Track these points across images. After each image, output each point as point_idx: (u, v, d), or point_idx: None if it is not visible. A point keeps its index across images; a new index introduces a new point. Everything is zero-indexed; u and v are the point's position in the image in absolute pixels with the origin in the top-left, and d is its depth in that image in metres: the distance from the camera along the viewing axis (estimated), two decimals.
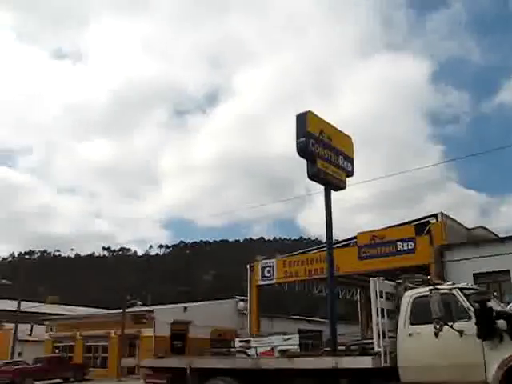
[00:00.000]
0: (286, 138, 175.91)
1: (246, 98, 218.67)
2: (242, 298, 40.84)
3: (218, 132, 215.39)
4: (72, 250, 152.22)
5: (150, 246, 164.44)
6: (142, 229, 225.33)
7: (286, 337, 30.47)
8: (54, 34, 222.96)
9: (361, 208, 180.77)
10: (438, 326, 9.20)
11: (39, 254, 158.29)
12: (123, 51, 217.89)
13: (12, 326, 42.22)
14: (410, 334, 9.80)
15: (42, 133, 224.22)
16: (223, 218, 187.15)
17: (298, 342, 29.57)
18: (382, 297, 10.16)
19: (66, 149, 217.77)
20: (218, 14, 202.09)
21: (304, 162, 17.01)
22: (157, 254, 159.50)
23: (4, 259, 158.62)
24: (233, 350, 30.13)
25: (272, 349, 29.01)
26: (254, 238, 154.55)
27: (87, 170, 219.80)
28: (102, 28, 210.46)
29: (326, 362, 9.70)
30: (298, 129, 17.10)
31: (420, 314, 9.75)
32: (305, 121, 17.20)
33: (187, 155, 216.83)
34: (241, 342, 31.90)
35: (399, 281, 10.93)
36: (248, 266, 36.07)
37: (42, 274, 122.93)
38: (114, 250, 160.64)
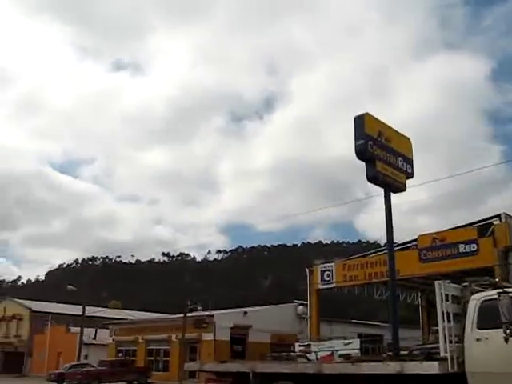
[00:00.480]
0: (343, 141, 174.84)
1: (302, 103, 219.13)
2: (302, 302, 40.61)
3: (275, 137, 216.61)
4: (133, 256, 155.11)
5: (209, 252, 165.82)
6: (201, 234, 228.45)
7: (347, 341, 30.04)
8: (113, 47, 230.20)
9: (420, 210, 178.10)
10: (508, 331, 8.89)
11: (101, 261, 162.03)
12: (180, 60, 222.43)
13: (78, 329, 43.28)
14: (477, 339, 9.51)
15: (104, 143, 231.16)
16: (281, 223, 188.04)
17: (358, 347, 29.10)
18: (447, 300, 9.91)
19: (126, 158, 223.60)
20: (273, 19, 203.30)
21: (363, 164, 16.83)
22: (215, 259, 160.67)
23: (69, 265, 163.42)
24: (293, 354, 30.00)
25: (332, 353, 28.66)
26: (312, 242, 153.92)
27: (147, 178, 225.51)
28: (159, 38, 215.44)
29: (391, 367, 9.52)
30: (357, 131, 16.91)
31: (488, 318, 9.43)
32: (363, 123, 16.99)
33: (245, 161, 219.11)
34: (301, 346, 31.69)
35: (465, 284, 10.63)
36: (307, 270, 35.82)
37: (105, 279, 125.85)
38: (174, 256, 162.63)
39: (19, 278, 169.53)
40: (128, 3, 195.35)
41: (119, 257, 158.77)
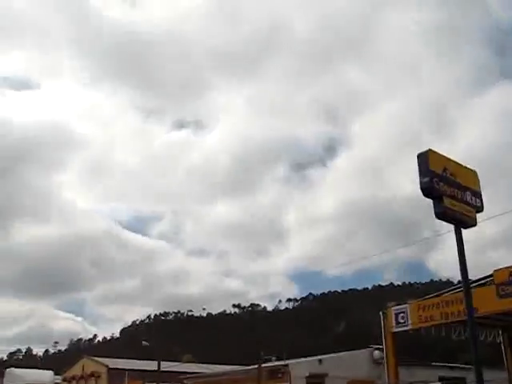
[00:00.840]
0: (408, 180, 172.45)
1: (364, 145, 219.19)
2: (377, 346, 39.57)
3: (339, 182, 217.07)
4: (204, 309, 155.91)
5: (279, 301, 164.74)
6: (270, 284, 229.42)
7: None
8: (174, 106, 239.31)
9: (493, 244, 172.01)
10: None
11: (173, 315, 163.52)
12: (241, 113, 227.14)
13: None
14: None
15: (171, 200, 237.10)
16: (350, 267, 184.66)
17: None
18: None
19: (193, 212, 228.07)
20: (328, 65, 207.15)
21: (430, 202, 16.52)
22: (286, 308, 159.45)
23: (142, 322, 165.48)
24: None
25: None
26: (383, 284, 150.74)
27: (215, 232, 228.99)
28: (218, 94, 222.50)
29: None
30: (421, 168, 16.56)
31: None
32: (426, 160, 16.64)
33: (310, 208, 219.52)
34: None
35: None
36: (380, 313, 34.97)
37: (178, 333, 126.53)
38: (244, 307, 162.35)
39: (95, 336, 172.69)
40: (186, 63, 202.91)
41: (190, 311, 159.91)
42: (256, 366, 37.54)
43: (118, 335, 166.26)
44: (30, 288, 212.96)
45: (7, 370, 31.99)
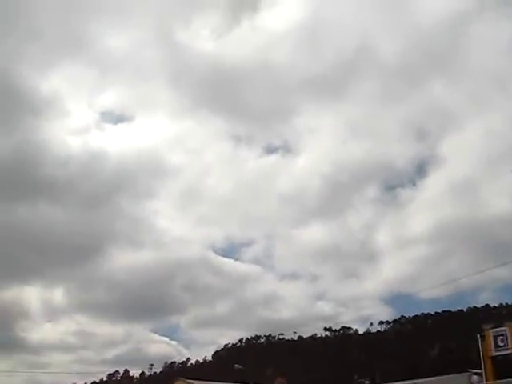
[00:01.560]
0: (504, 198, 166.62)
1: (455, 164, 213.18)
2: (475, 371, 38.33)
3: (430, 202, 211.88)
4: (295, 332, 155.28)
5: (371, 324, 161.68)
6: (362, 307, 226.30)
7: None
8: (263, 132, 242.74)
9: None
10: None
11: (265, 339, 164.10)
12: (329, 136, 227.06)
13: None
14: None
15: (263, 224, 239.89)
16: (445, 289, 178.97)
17: None
18: None
19: (285, 236, 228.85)
20: (416, 84, 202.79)
21: None
22: (378, 331, 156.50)
23: (234, 345, 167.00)
24: None
25: None
26: (478, 306, 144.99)
27: (307, 255, 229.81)
28: (306, 117, 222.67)
29: None
30: None
31: None
32: None
33: (402, 228, 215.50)
34: None
35: None
36: (478, 336, 34.00)
37: (269, 357, 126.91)
38: (336, 330, 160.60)
39: (188, 359, 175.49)
40: (274, 89, 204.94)
41: (282, 334, 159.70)
42: None
43: (210, 358, 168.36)
44: (127, 312, 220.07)
45: None
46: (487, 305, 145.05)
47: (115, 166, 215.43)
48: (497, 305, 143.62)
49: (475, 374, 38.52)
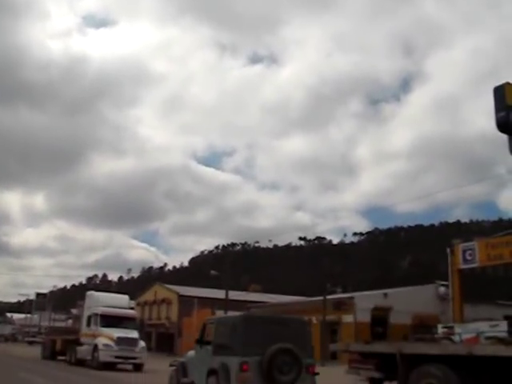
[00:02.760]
0: (485, 117, 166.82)
1: (440, 81, 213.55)
2: (443, 282, 39.63)
3: (413, 118, 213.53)
4: (270, 241, 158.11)
5: (345, 235, 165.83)
6: (339, 219, 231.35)
7: (493, 323, 29.02)
8: (248, 41, 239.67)
9: None
10: None
11: (241, 246, 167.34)
12: (316, 49, 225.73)
13: (222, 313, 45.10)
14: None
15: (245, 134, 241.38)
16: (419, 204, 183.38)
17: (506, 329, 28.01)
18: None
19: (266, 147, 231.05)
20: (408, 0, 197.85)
21: (506, 139, 16.29)
22: (352, 242, 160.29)
23: (210, 252, 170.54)
24: (437, 336, 29.48)
25: (477, 336, 27.87)
26: (450, 221, 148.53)
27: (287, 166, 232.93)
28: (293, 29, 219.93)
29: None
30: (497, 103, 16.38)
31: None
32: (503, 93, 16.42)
33: (383, 143, 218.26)
34: (443, 328, 31.07)
35: None
36: (448, 250, 34.85)
37: (244, 264, 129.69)
38: (310, 240, 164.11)
39: (165, 264, 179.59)
40: None
41: (257, 242, 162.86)
42: (321, 298, 38.42)
43: (186, 264, 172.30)
44: (108, 218, 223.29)
45: (88, 292, 33.86)
46: (458, 220, 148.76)
47: (98, 71, 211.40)
48: (467, 221, 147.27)
49: (442, 285, 39.82)
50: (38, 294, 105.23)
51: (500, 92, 16.38)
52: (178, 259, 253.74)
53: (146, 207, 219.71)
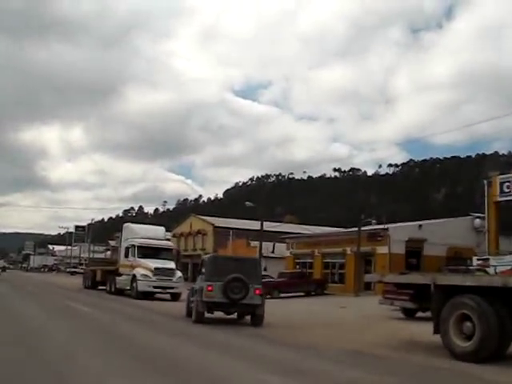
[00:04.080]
0: None
1: (484, 9, 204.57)
2: (478, 215, 39.26)
3: (455, 47, 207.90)
4: (304, 172, 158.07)
5: (380, 166, 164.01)
6: (376, 150, 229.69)
7: None
8: None
9: None
10: None
11: (275, 178, 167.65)
12: None
13: (257, 243, 45.75)
14: None
15: (282, 66, 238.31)
16: (459, 136, 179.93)
17: None
18: None
19: (303, 78, 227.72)
20: None
21: None
22: (386, 174, 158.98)
23: (244, 183, 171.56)
24: (471, 268, 29.47)
25: None
26: (487, 153, 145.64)
27: (325, 97, 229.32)
28: None
29: None
30: None
31: None
32: None
33: (424, 73, 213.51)
34: (479, 260, 31.01)
35: None
36: (485, 182, 34.37)
37: (279, 196, 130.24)
38: (345, 171, 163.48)
39: (200, 196, 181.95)
40: None
41: (292, 174, 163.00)
42: (356, 229, 38.54)
43: (221, 196, 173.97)
44: (144, 152, 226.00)
45: (125, 224, 34.59)
46: (496, 152, 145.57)
47: (130, 5, 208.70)
48: (505, 153, 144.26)
49: (478, 217, 39.48)
50: (77, 227, 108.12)
51: None
52: (214, 191, 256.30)
53: (181, 140, 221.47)
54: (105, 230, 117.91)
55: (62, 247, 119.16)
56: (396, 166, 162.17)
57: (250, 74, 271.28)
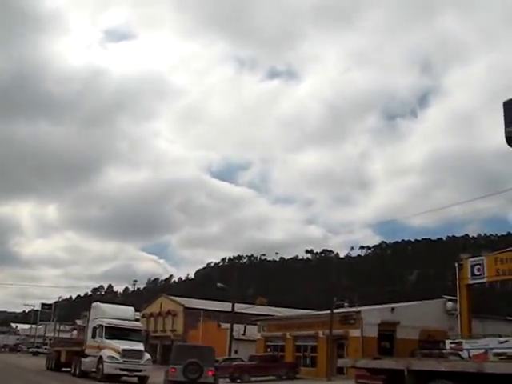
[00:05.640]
0: (499, 134, 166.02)
1: (457, 98, 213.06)
2: (450, 297, 39.31)
3: (429, 133, 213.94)
4: (277, 253, 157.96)
5: (352, 248, 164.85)
6: (350, 233, 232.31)
7: (502, 339, 28.73)
8: (267, 56, 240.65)
9: None
10: None
11: (247, 259, 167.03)
12: (334, 64, 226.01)
13: (228, 325, 44.93)
14: None
15: (260, 148, 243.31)
16: (430, 219, 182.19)
17: None
18: None
19: (281, 161, 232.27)
20: (426, 16, 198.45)
21: None
22: (358, 256, 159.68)
23: (216, 264, 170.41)
24: (445, 352, 29.17)
25: (486, 352, 27.58)
26: (457, 235, 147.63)
27: (302, 180, 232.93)
28: (311, 44, 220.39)
29: None
30: (506, 117, 16.31)
31: None
32: None
33: (398, 159, 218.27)
34: (452, 343, 30.79)
35: None
36: (456, 265, 34.62)
37: (251, 277, 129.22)
38: (317, 253, 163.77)
39: (171, 276, 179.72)
40: (281, 13, 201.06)
41: (264, 255, 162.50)
42: (328, 312, 38.12)
43: (192, 276, 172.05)
44: (119, 230, 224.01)
45: (93, 304, 33.77)
46: (466, 235, 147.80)
47: (117, 85, 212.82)
48: (475, 235, 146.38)
49: (450, 300, 39.48)
50: (44, 305, 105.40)
51: (509, 106, 16.27)
52: (186, 271, 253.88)
53: (158, 220, 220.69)
54: (72, 309, 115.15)
55: (27, 326, 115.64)
56: (368, 248, 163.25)
57: (229, 156, 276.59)
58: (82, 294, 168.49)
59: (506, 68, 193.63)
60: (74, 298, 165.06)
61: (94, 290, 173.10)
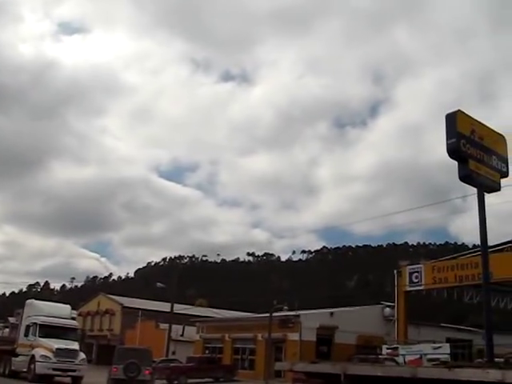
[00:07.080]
0: (445, 146, 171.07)
1: (406, 110, 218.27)
2: (388, 304, 40.01)
3: (377, 143, 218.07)
4: (218, 255, 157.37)
5: (293, 252, 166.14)
6: (294, 238, 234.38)
7: (436, 345, 29.40)
8: (222, 59, 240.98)
9: None
10: None
11: (188, 259, 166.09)
12: (288, 70, 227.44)
13: (166, 326, 44.44)
14: None
15: (210, 151, 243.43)
16: (374, 227, 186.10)
17: (448, 351, 28.37)
18: None
19: (230, 164, 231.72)
20: (380, 28, 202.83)
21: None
22: (300, 260, 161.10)
23: (156, 263, 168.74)
24: (381, 357, 29.63)
25: (421, 357, 28.15)
26: (397, 243, 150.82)
27: (250, 184, 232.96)
28: (266, 50, 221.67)
29: (491, 375, 9.06)
30: (448, 129, 16.63)
31: None
32: (455, 121, 16.68)
33: (345, 166, 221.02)
34: (388, 349, 31.28)
35: None
36: (395, 272, 35.22)
37: (191, 278, 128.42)
38: (258, 256, 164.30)
39: (111, 274, 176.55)
40: (238, 17, 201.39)
41: (205, 256, 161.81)
42: (267, 315, 38.15)
43: (132, 275, 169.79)
44: (61, 226, 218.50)
45: (28, 301, 32.59)
46: (406, 242, 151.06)
47: (68, 79, 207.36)
48: (415, 243, 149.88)
49: (388, 306, 40.16)
50: None
51: (452, 119, 16.67)
52: (127, 270, 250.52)
53: (101, 217, 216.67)
54: (5, 306, 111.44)
55: None
56: (310, 252, 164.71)
57: (178, 156, 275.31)
58: (16, 291, 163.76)
59: (453, 83, 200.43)
60: (7, 294, 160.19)
61: (30, 286, 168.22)
